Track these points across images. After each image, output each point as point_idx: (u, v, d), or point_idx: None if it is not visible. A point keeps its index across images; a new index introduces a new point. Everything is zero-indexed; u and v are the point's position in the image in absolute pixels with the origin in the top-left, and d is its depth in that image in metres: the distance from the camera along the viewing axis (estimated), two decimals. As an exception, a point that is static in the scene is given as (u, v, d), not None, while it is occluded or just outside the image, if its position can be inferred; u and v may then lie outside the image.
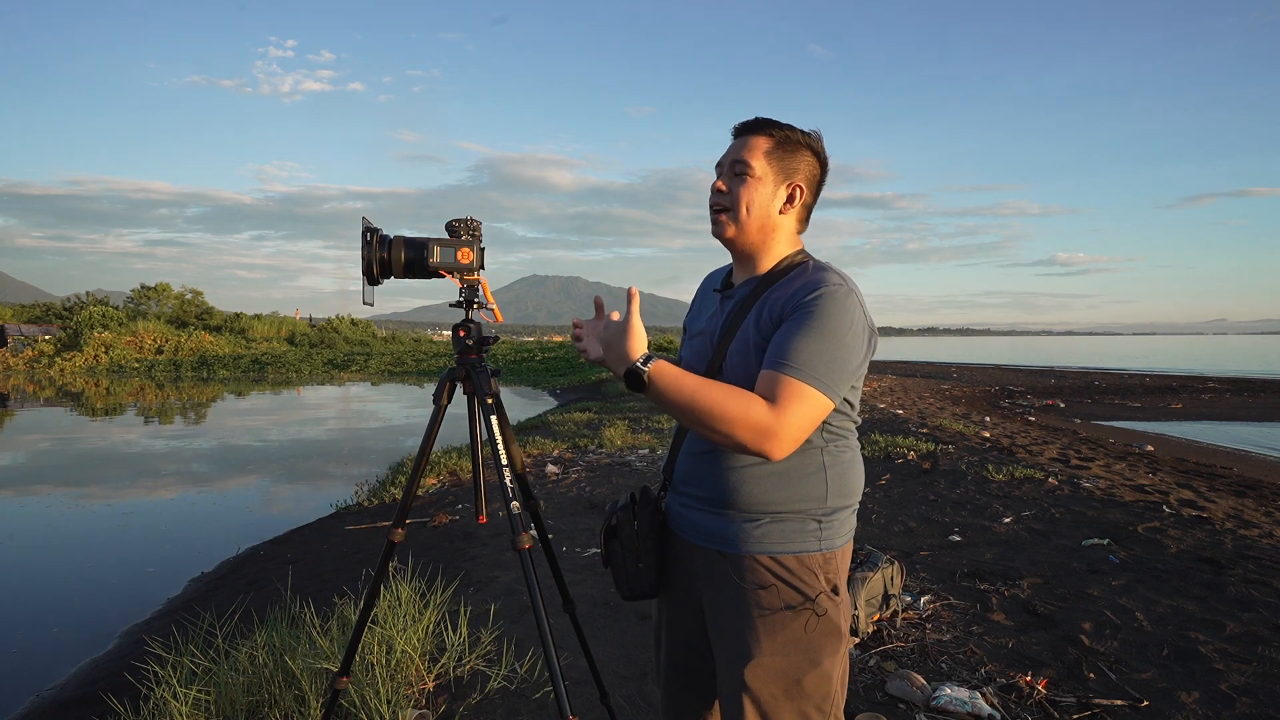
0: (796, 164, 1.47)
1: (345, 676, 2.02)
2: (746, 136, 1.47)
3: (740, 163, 1.45)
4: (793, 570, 1.39)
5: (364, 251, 1.81)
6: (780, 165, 1.46)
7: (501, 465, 1.84)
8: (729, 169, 1.48)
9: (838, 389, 1.32)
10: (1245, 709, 2.61)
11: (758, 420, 1.25)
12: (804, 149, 1.47)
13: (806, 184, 1.48)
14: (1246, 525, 5.10)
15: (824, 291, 1.33)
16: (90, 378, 28.25)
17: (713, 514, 1.44)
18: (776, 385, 1.28)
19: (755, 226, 1.46)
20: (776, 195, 1.46)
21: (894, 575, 3.47)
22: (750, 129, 1.47)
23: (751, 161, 1.44)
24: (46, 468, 9.96)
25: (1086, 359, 47.60)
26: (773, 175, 1.45)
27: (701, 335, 1.54)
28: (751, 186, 1.44)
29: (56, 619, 4.60)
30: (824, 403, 1.30)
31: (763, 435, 1.25)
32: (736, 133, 1.50)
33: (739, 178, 1.45)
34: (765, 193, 1.45)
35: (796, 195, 1.47)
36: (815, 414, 1.29)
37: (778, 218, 1.47)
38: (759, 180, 1.44)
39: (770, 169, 1.45)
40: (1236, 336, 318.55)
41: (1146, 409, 16.91)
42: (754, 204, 1.45)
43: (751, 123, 1.48)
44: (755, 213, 1.45)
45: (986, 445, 8.85)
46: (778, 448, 1.26)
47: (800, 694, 1.37)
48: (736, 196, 1.45)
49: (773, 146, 1.45)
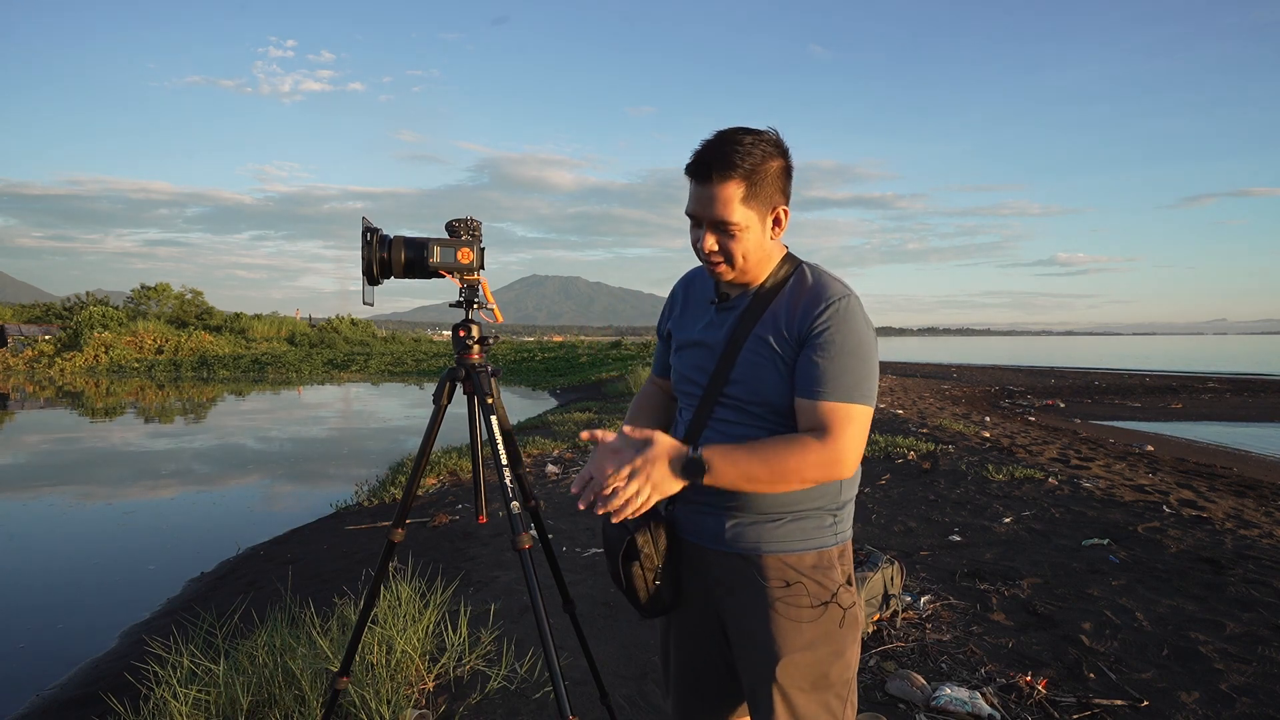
0: (771, 189, 1.38)
1: (345, 676, 2.02)
2: (714, 187, 1.34)
3: (723, 222, 1.36)
4: (816, 566, 1.42)
5: (364, 251, 1.81)
6: (759, 201, 1.37)
7: (501, 465, 1.84)
8: (713, 228, 1.38)
9: (874, 395, 1.38)
10: (1245, 709, 2.61)
11: (819, 458, 1.31)
12: (768, 163, 1.36)
13: (785, 198, 1.41)
14: (1246, 525, 5.10)
15: (836, 308, 1.36)
16: (90, 378, 28.25)
17: (731, 518, 1.43)
18: (824, 414, 1.33)
19: (754, 263, 1.42)
20: (765, 229, 1.40)
21: (894, 575, 3.47)
22: (713, 175, 1.34)
23: (733, 218, 1.35)
24: (47, 468, 9.96)
25: (1086, 359, 47.59)
26: (756, 216, 1.38)
27: (699, 347, 1.50)
28: (740, 239, 1.38)
29: (57, 619, 4.60)
30: (869, 414, 1.37)
31: (830, 468, 1.33)
32: (697, 176, 1.36)
33: (726, 235, 1.38)
34: (755, 236, 1.39)
35: (782, 217, 1.42)
36: (866, 427, 1.37)
37: (769, 245, 1.43)
38: (746, 230, 1.37)
39: (752, 212, 1.37)
40: (1236, 336, 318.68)
41: (1146, 409, 16.91)
42: (749, 252, 1.40)
43: (713, 166, 1.34)
44: (752, 256, 1.41)
45: (986, 445, 8.85)
46: (847, 470, 1.35)
47: (825, 685, 1.40)
48: (730, 252, 1.39)
49: (745, 191, 1.35)
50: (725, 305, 1.48)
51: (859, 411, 1.34)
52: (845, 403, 1.33)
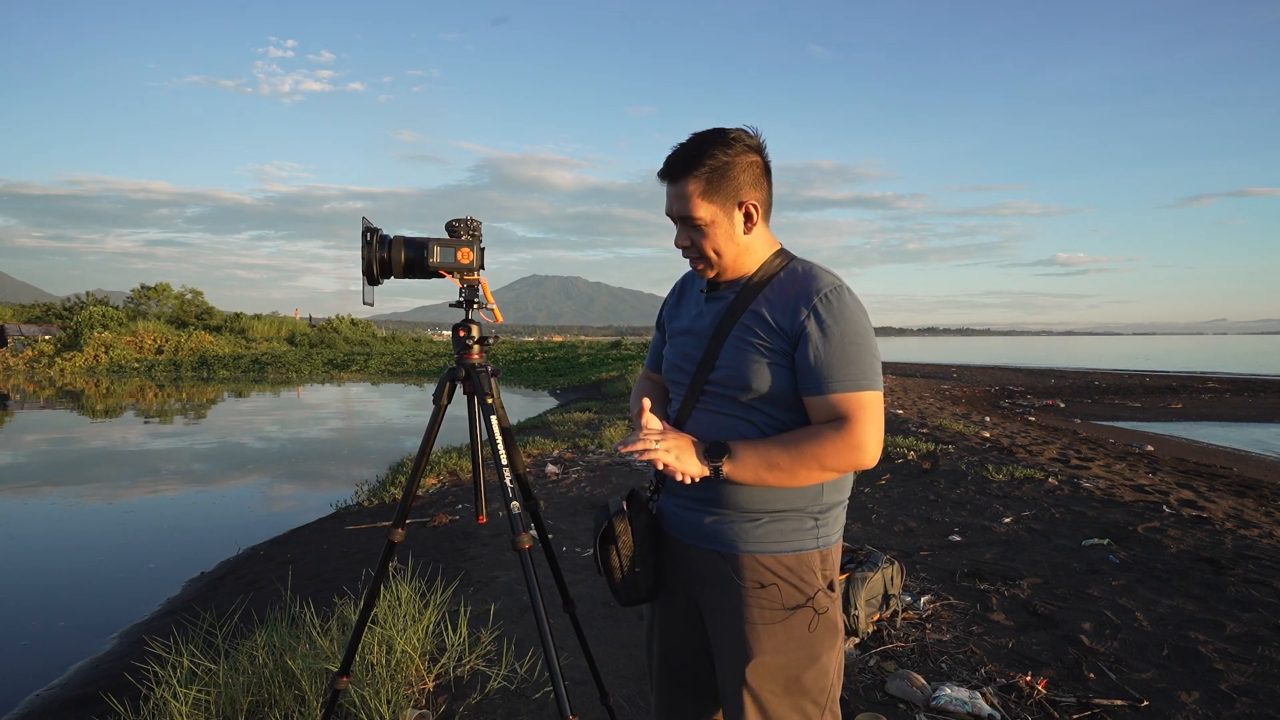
0: (736, 183, 1.41)
1: (345, 676, 2.02)
2: (674, 186, 1.42)
3: (687, 219, 1.42)
4: (792, 569, 1.40)
5: (364, 251, 1.81)
6: (722, 196, 1.41)
7: (501, 465, 1.84)
8: (680, 224, 1.45)
9: (880, 379, 1.40)
10: (1245, 709, 2.61)
11: (839, 446, 1.33)
12: (735, 160, 1.40)
13: (756, 192, 1.43)
14: (1246, 525, 5.10)
15: (829, 297, 1.38)
16: (90, 378, 28.25)
17: (711, 514, 1.44)
18: (837, 406, 1.35)
19: (730, 258, 1.45)
20: (735, 224, 1.43)
21: (894, 575, 3.46)
22: (674, 174, 1.42)
23: (696, 214, 1.41)
24: (46, 468, 9.97)
25: (1086, 359, 47.59)
26: (721, 211, 1.41)
27: (687, 335, 1.54)
28: (709, 235, 1.43)
29: (56, 619, 4.60)
30: (880, 398, 1.39)
31: (852, 454, 1.34)
32: (665, 177, 1.44)
33: (694, 230, 1.43)
34: (724, 230, 1.43)
35: (753, 212, 1.44)
36: (881, 411, 1.38)
37: (745, 239, 1.45)
38: (712, 224, 1.42)
39: (715, 206, 1.41)
40: (1236, 336, 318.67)
41: (1146, 409, 16.91)
42: (720, 246, 1.44)
43: (673, 166, 1.42)
44: (726, 250, 1.44)
45: (986, 445, 8.85)
46: (870, 457, 1.36)
47: (800, 690, 1.39)
48: (701, 248, 1.44)
49: (705, 186, 1.39)
50: (715, 296, 1.51)
51: (870, 398, 1.35)
52: (855, 391, 1.34)
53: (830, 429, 1.33)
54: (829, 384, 1.34)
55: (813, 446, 1.33)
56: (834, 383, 1.34)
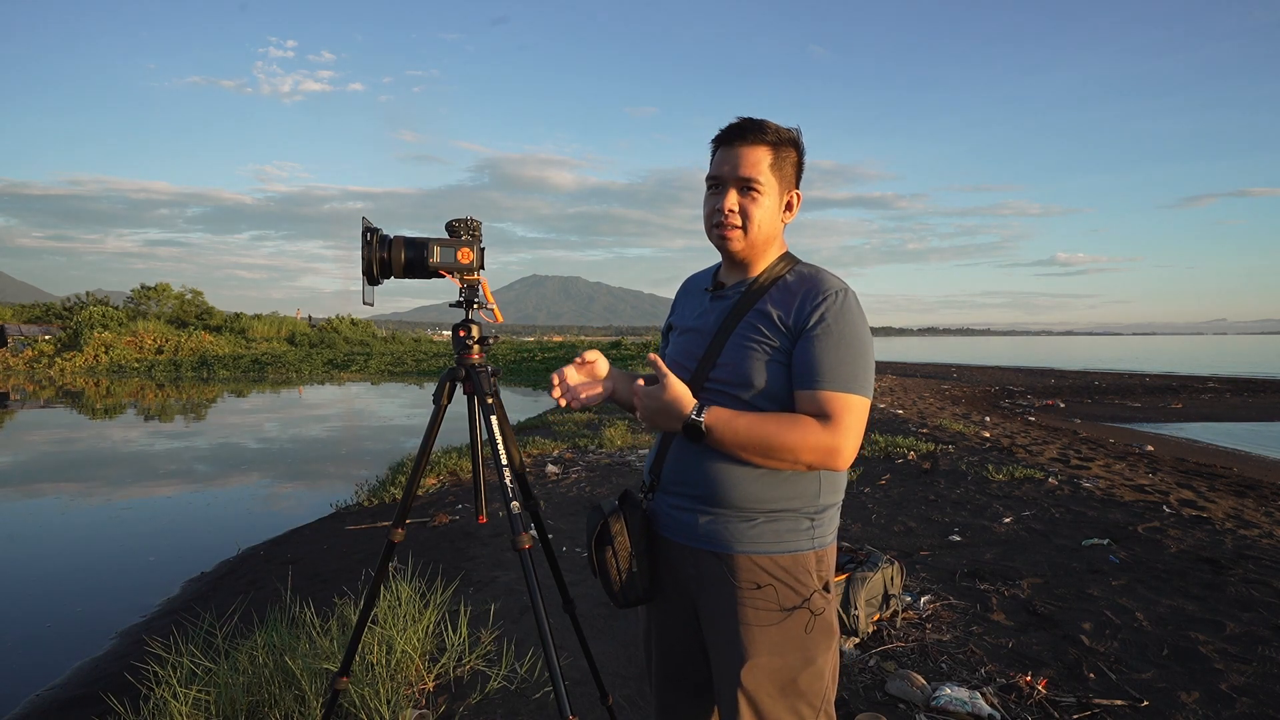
0: (790, 170, 1.48)
1: (345, 676, 2.02)
2: (743, 148, 1.43)
3: (748, 180, 1.43)
4: (787, 569, 1.40)
5: (364, 251, 1.80)
6: (780, 175, 1.46)
7: (501, 465, 1.84)
8: (737, 186, 1.45)
9: (871, 388, 1.40)
10: (1245, 709, 2.61)
11: (818, 442, 1.32)
12: (790, 150, 1.47)
13: (798, 191, 1.51)
14: (1246, 525, 5.10)
15: (834, 300, 1.39)
16: (90, 378, 28.25)
17: (706, 514, 1.44)
18: (824, 403, 1.34)
19: (761, 239, 1.47)
20: (780, 206, 1.48)
21: (894, 575, 3.46)
22: (745, 138, 1.44)
23: (759, 178, 1.43)
24: (46, 468, 9.96)
25: (1086, 359, 47.60)
26: (776, 188, 1.46)
27: (691, 333, 1.54)
28: (761, 204, 1.44)
29: (56, 619, 4.60)
30: (866, 405, 1.39)
31: (827, 454, 1.34)
32: (726, 140, 1.45)
33: (749, 194, 1.44)
34: (772, 207, 1.46)
35: (794, 202, 1.50)
36: (864, 418, 1.38)
37: (779, 226, 1.50)
38: (766, 195, 1.44)
39: (774, 181, 1.45)
40: (1236, 336, 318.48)
41: (1146, 409, 16.91)
42: (764, 220, 1.45)
43: (746, 131, 1.44)
44: (764, 228, 1.46)
45: (986, 445, 8.85)
46: (843, 460, 1.35)
47: (795, 692, 1.39)
48: (749, 214, 1.45)
49: (773, 158, 1.44)
50: (719, 295, 1.53)
51: (857, 402, 1.35)
52: (844, 392, 1.34)
53: (812, 425, 1.34)
54: (821, 380, 1.35)
55: (793, 435, 1.33)
56: (826, 380, 1.35)
